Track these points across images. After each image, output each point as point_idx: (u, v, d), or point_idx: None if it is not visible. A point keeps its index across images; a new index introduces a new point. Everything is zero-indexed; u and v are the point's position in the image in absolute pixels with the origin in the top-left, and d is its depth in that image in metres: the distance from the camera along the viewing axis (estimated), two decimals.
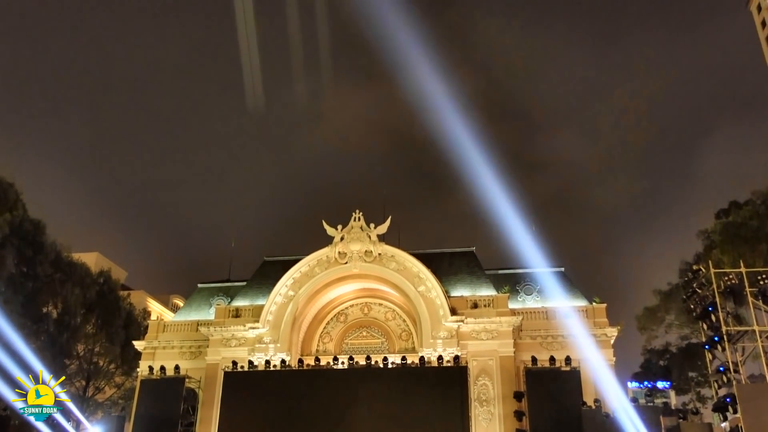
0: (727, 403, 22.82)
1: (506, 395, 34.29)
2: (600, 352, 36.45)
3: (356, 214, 39.76)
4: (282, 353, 37.08)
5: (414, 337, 38.91)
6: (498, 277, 40.95)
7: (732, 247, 38.10)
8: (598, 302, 38.24)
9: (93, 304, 47.66)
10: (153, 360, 39.54)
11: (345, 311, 41.26)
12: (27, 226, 43.99)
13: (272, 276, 40.70)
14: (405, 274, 38.02)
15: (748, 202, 42.71)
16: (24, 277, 43.71)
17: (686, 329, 45.48)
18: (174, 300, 75.49)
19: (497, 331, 36.19)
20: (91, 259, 58.89)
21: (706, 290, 25.75)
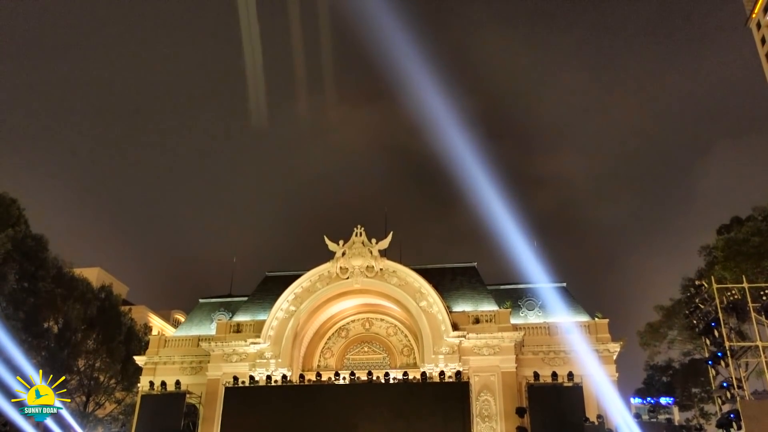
0: (731, 419, 22.68)
1: (508, 411, 34.06)
2: (602, 368, 36.31)
3: (358, 230, 39.80)
4: (283, 368, 36.93)
5: (416, 353, 38.77)
6: (500, 293, 40.89)
7: (734, 263, 38.05)
8: (600, 318, 38.14)
9: (94, 319, 47.62)
10: (154, 375, 39.39)
11: (346, 326, 41.17)
12: (29, 241, 44.08)
13: (274, 291, 40.65)
14: (406, 289, 37.96)
15: (750, 218, 42.74)
16: (25, 292, 43.73)
17: (689, 345, 45.33)
18: (175, 315, 75.39)
19: (499, 346, 36.07)
20: (92, 274, 58.92)
21: (708, 306, 25.68)
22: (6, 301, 42.24)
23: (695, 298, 26.80)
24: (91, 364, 48.40)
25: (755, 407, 21.97)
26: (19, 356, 35.01)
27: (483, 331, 36.40)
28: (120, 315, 50.88)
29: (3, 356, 34.51)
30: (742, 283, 25.05)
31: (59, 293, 45.28)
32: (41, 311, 44.63)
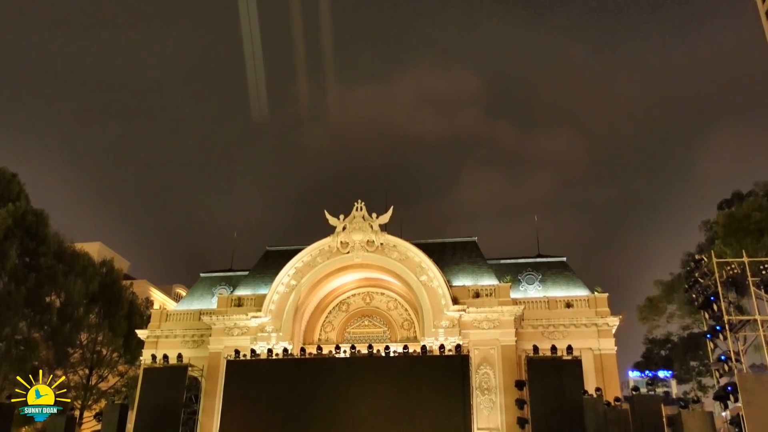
0: (728, 392, 22.89)
1: (508, 384, 34.41)
2: (602, 342, 36.66)
3: (358, 204, 39.81)
4: (284, 342, 37.23)
5: (416, 327, 39.04)
6: (500, 267, 41.03)
7: (735, 238, 38.06)
8: (600, 292, 38.33)
9: (96, 294, 47.81)
10: (156, 349, 39.73)
11: (347, 301, 41.39)
12: (30, 217, 44.08)
13: (274, 266, 40.82)
14: (407, 263, 38.09)
15: (751, 193, 42.68)
16: (27, 268, 43.85)
17: (688, 319, 45.59)
18: (176, 290, 75.72)
19: (499, 320, 36.31)
20: (93, 249, 58.97)
21: (708, 280, 25.75)
22: (8, 277, 42.40)
23: (695, 272, 26.85)
24: (94, 338, 48.73)
25: (752, 380, 22.12)
26: (21, 331, 35.24)
27: (483, 305, 36.61)
28: (121, 290, 51.10)
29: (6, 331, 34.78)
30: (742, 258, 25.09)
31: (61, 269, 45.39)
32: (43, 287, 44.77)
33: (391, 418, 31.33)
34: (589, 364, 34.96)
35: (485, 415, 34.52)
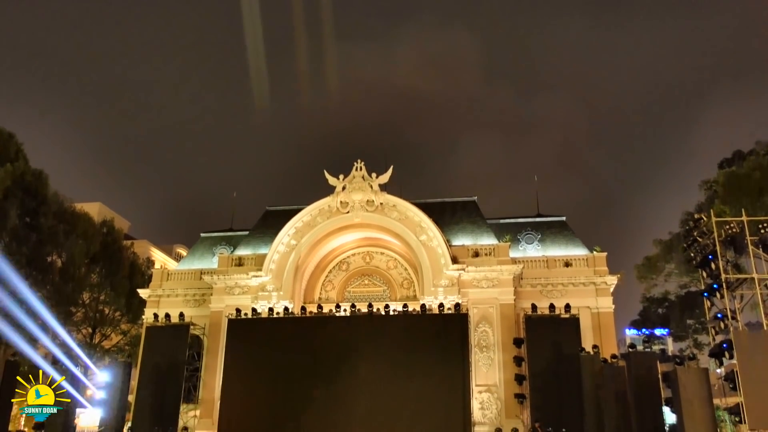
0: (723, 349, 23.17)
1: (506, 342, 34.86)
2: (599, 300, 37.00)
3: (358, 164, 39.68)
4: (285, 301, 37.56)
5: (415, 286, 39.33)
6: (499, 227, 41.12)
7: (734, 198, 38.01)
8: (599, 251, 38.50)
9: (97, 254, 48.05)
10: (158, 308, 40.13)
11: (347, 260, 41.61)
12: (29, 177, 43.98)
13: (274, 225, 40.91)
14: (407, 223, 38.17)
15: (752, 151, 42.43)
16: (27, 228, 43.95)
17: (685, 278, 45.86)
18: (177, 249, 76.06)
19: (498, 279, 36.56)
20: (93, 209, 59.01)
21: (706, 239, 25.80)
22: (9, 237, 42.53)
23: (694, 231, 26.89)
24: (96, 298, 49.19)
25: (748, 338, 22.39)
26: (24, 290, 35.49)
27: (482, 264, 36.81)
28: (122, 249, 51.34)
29: (9, 290, 34.99)
30: (741, 217, 25.12)
31: (61, 229, 45.52)
32: (44, 247, 44.99)
33: (391, 376, 31.85)
34: (586, 322, 35.37)
35: (483, 372, 35.06)
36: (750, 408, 20.64)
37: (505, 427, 31.77)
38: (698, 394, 22.10)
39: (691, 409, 21.87)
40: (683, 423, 21.85)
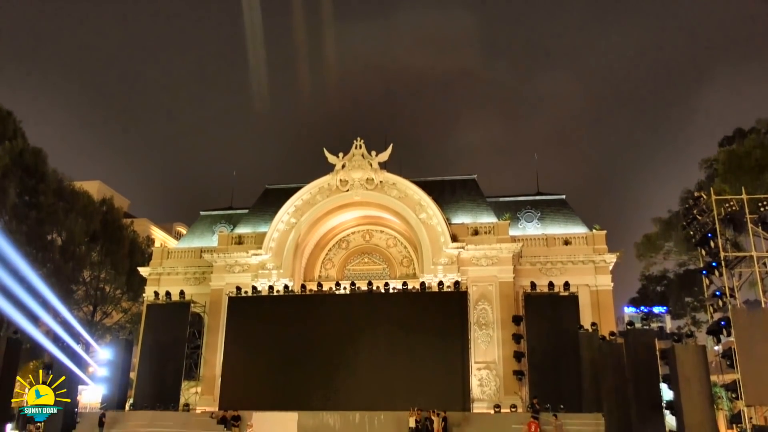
0: (721, 326, 23.25)
1: (505, 319, 35.06)
2: (598, 278, 37.14)
3: (357, 142, 39.56)
4: (285, 279, 37.70)
5: (415, 264, 39.42)
6: (499, 205, 41.13)
7: (734, 176, 37.86)
8: (598, 229, 38.55)
9: (97, 232, 48.07)
10: (158, 286, 40.31)
11: (347, 238, 41.67)
12: (27, 155, 43.81)
13: (274, 204, 40.92)
14: (406, 201, 38.16)
15: (753, 129, 42.18)
16: (27, 206, 43.88)
17: (684, 256, 45.84)
18: (177, 228, 76.08)
19: (497, 257, 36.64)
20: (93, 187, 58.94)
21: (706, 217, 25.78)
22: (8, 215, 42.50)
23: (693, 209, 26.84)
24: (97, 276, 49.32)
25: (745, 315, 22.47)
26: (25, 268, 35.56)
27: (482, 242, 36.88)
28: (122, 228, 51.36)
29: (9, 268, 35.05)
30: (741, 195, 25.07)
31: (61, 207, 45.46)
32: (44, 225, 44.97)
33: (390, 353, 32.08)
34: (585, 299, 35.54)
35: (482, 349, 35.30)
36: (746, 384, 20.79)
37: (503, 404, 32.04)
38: (695, 371, 22.27)
39: (688, 386, 22.05)
40: (680, 399, 22.05)
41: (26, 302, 33.29)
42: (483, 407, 32.88)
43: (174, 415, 32.64)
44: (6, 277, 32.71)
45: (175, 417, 32.29)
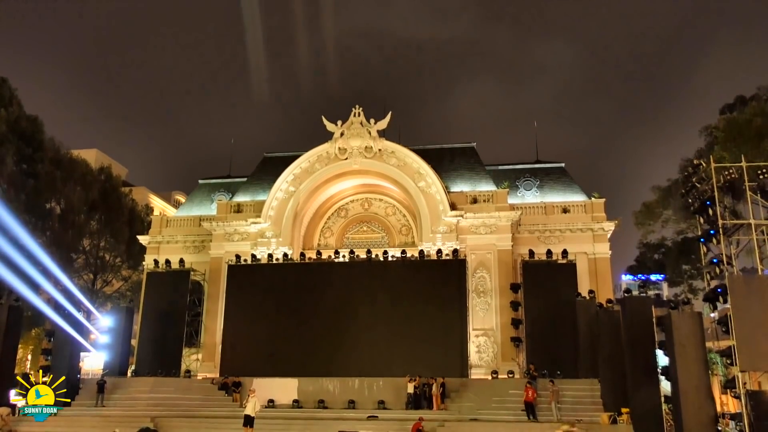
0: (718, 293, 23.38)
1: (503, 287, 35.28)
2: (596, 246, 37.28)
3: (356, 110, 39.31)
4: (284, 247, 37.82)
5: (414, 232, 39.50)
6: (498, 173, 41.06)
7: (734, 144, 37.69)
8: (597, 197, 38.55)
9: (95, 201, 48.01)
10: (158, 254, 40.44)
11: (345, 206, 41.67)
12: (24, 123, 43.52)
13: (273, 172, 40.81)
14: (405, 169, 38.08)
15: (755, 97, 41.88)
16: (25, 174, 43.76)
17: (682, 224, 45.91)
18: (176, 196, 76.04)
19: (496, 225, 36.70)
20: (90, 155, 58.71)
21: (705, 185, 25.76)
22: (6, 183, 42.39)
23: (692, 177, 26.82)
24: (96, 244, 49.44)
25: (742, 282, 22.61)
26: (24, 236, 35.63)
27: (480, 210, 36.92)
28: (121, 196, 51.30)
29: (9, 236, 35.11)
30: (741, 163, 25.01)
31: (59, 175, 45.33)
32: (42, 193, 44.92)
33: (389, 320, 32.34)
34: (583, 267, 35.71)
35: (481, 316, 35.58)
36: (741, 350, 21.01)
37: (501, 370, 32.45)
38: (691, 337, 22.51)
39: (683, 352, 22.30)
40: (676, 365, 22.32)
41: (27, 270, 33.45)
42: (481, 373, 33.29)
43: (175, 381, 33.09)
44: (6, 246, 32.79)
45: (176, 383, 32.74)
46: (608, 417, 25.27)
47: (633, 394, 24.42)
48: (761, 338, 21.03)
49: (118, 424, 25.08)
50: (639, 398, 24.08)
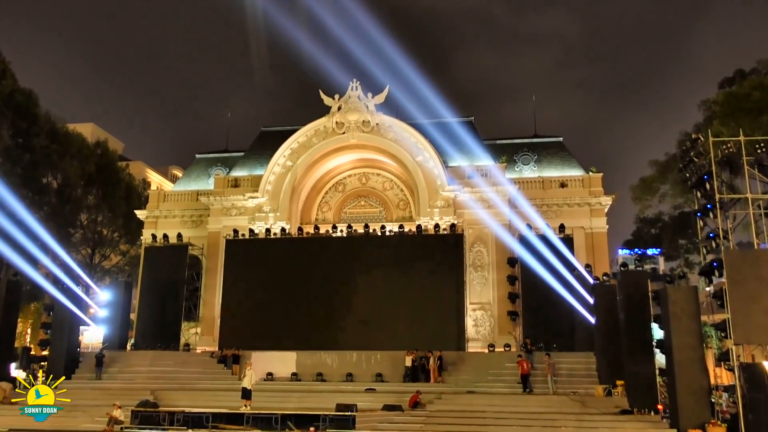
0: (714, 267, 23.46)
1: (500, 261, 35.44)
2: (593, 221, 37.36)
3: (353, 84, 39.03)
4: (282, 222, 37.83)
5: (411, 206, 39.49)
6: (496, 147, 40.95)
7: (732, 118, 37.56)
8: (595, 172, 38.54)
9: (92, 175, 47.87)
10: (156, 229, 40.45)
11: (343, 181, 41.60)
12: (18, 96, 43.10)
13: (270, 146, 40.67)
14: (403, 144, 37.95)
15: (754, 70, 41.64)
16: (21, 148, 43.48)
17: (679, 199, 45.94)
18: (173, 171, 75.83)
19: (493, 200, 36.69)
20: (86, 130, 58.34)
21: (703, 159, 25.72)
22: (2, 157, 42.18)
23: (690, 151, 26.77)
24: (94, 219, 49.42)
25: (738, 256, 22.65)
26: (22, 211, 35.60)
27: (478, 185, 36.86)
28: (118, 171, 51.14)
29: (6, 211, 35.05)
30: (739, 137, 24.95)
31: (55, 149, 45.06)
32: (38, 167, 44.69)
33: (388, 294, 32.52)
34: (580, 241, 35.86)
35: (478, 290, 35.78)
36: (736, 323, 21.15)
37: (497, 343, 32.73)
38: (686, 310, 22.65)
39: (678, 325, 22.46)
40: (671, 338, 22.49)
41: (25, 245, 33.51)
42: (478, 347, 33.58)
43: (174, 354, 33.37)
44: (4, 220, 32.79)
45: (175, 356, 33.02)
46: (603, 389, 25.61)
47: (628, 367, 24.68)
48: (756, 312, 21.16)
49: (118, 397, 25.32)
50: (634, 370, 24.35)
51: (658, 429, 22.12)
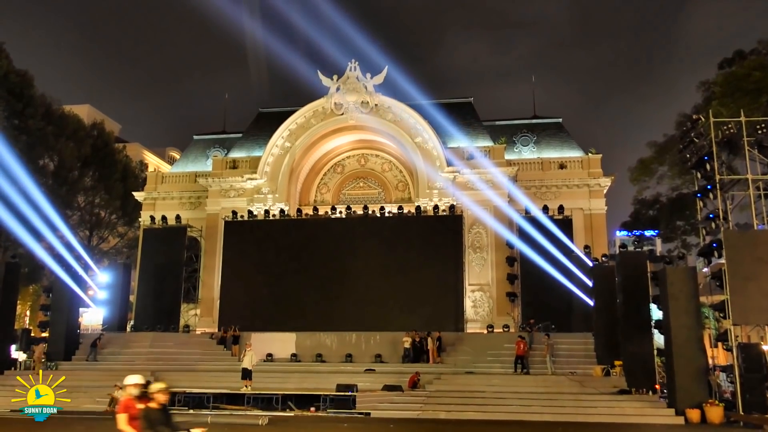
0: (712, 248, 23.54)
1: (499, 242, 35.46)
2: (592, 202, 37.38)
3: (352, 64, 38.77)
4: (281, 203, 37.76)
5: (410, 188, 39.42)
6: (495, 128, 40.82)
7: (732, 99, 37.41)
8: (594, 153, 38.48)
9: (89, 157, 47.63)
10: (153, 211, 40.34)
11: (342, 162, 41.47)
12: (13, 77, 42.73)
13: (268, 128, 40.48)
14: (402, 125, 37.79)
15: (754, 51, 41.42)
16: (16, 130, 43.17)
17: (678, 180, 45.91)
18: (170, 152, 75.50)
19: (492, 181, 36.61)
20: (82, 111, 57.95)
21: (703, 140, 25.67)
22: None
23: (691, 132, 26.70)
24: (91, 201, 49.26)
25: (737, 237, 22.70)
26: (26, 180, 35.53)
27: (477, 166, 36.78)
28: (114, 152, 50.90)
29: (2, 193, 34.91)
30: (739, 118, 24.87)
31: (51, 131, 44.79)
32: (34, 149, 44.42)
33: (387, 276, 32.58)
34: (579, 223, 35.90)
35: (476, 271, 35.83)
36: (735, 304, 21.26)
37: (496, 324, 32.86)
38: (685, 290, 22.77)
39: (677, 305, 22.59)
40: (669, 318, 22.63)
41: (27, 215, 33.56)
42: (476, 327, 33.72)
43: (174, 336, 33.45)
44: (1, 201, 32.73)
45: (175, 338, 33.11)
46: (601, 369, 25.79)
47: (625, 347, 24.84)
48: (754, 292, 21.27)
49: (119, 379, 25.34)
50: (632, 351, 24.52)
51: (656, 408, 22.32)
